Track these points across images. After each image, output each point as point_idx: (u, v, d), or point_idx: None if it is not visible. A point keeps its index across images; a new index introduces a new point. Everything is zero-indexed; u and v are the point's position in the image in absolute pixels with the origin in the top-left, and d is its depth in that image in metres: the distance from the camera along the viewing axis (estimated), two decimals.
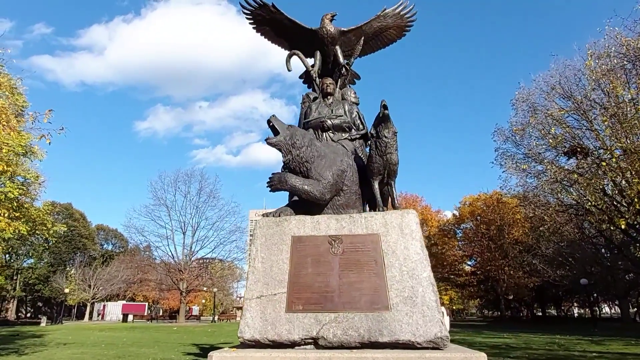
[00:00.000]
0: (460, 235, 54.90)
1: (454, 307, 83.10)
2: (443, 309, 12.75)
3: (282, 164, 5.46)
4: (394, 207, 5.25)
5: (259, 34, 6.98)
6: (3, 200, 19.06)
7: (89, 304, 57.24)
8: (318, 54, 6.64)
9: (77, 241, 59.70)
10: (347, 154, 5.61)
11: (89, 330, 26.01)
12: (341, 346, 4.37)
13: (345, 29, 6.55)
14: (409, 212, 4.90)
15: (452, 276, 53.36)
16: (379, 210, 5.08)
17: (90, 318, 59.16)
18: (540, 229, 28.67)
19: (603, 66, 14.92)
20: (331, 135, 5.86)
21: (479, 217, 49.71)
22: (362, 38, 6.50)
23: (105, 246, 73.74)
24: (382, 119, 5.12)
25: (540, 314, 61.67)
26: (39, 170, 23.65)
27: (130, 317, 49.00)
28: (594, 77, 15.86)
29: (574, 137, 17.85)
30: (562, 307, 67.04)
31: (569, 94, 20.81)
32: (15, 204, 20.23)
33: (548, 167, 19.93)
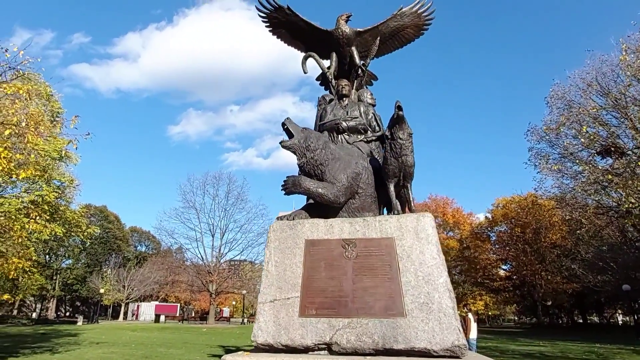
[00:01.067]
0: (494, 238, 53.41)
1: (490, 313, 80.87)
2: (470, 315, 12.39)
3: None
4: (410, 211, 5.10)
5: (276, 36, 6.98)
6: (40, 203, 20.00)
7: (123, 304, 59.12)
8: (334, 55, 6.57)
9: (112, 243, 61.85)
10: (363, 156, 5.50)
11: (122, 330, 26.85)
12: (355, 352, 4.27)
13: (361, 30, 6.46)
14: (425, 216, 4.74)
15: (487, 281, 51.99)
16: (394, 214, 4.95)
17: (125, 318, 61.06)
18: (578, 232, 27.43)
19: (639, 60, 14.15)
20: (346, 137, 5.77)
21: (513, 220, 48.20)
22: (378, 38, 6.39)
23: (139, 248, 76.04)
24: (397, 120, 4.99)
25: (581, 321, 59.05)
26: (73, 174, 24.72)
27: (162, 318, 50.22)
28: (629, 73, 15.04)
29: (609, 136, 16.98)
30: (605, 314, 63.92)
31: (607, 90, 19.85)
32: (52, 207, 21.19)
33: (585, 168, 19.04)
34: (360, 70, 6.42)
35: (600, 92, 20.70)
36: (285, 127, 5.41)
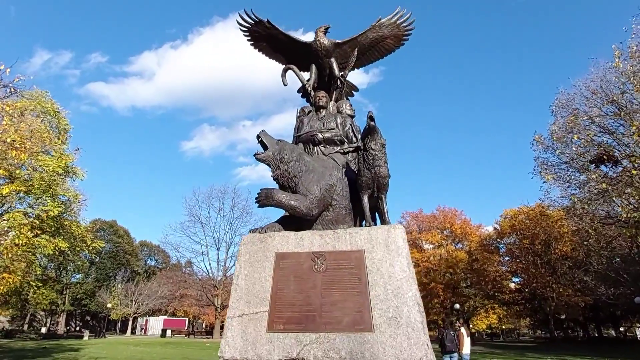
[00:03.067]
0: (503, 250, 52.53)
1: (503, 327, 79.05)
2: (463, 330, 12.10)
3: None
4: (384, 222, 5.02)
5: (257, 50, 7.01)
6: (45, 218, 20.21)
7: (131, 319, 59.12)
8: (313, 67, 6.57)
9: (121, 257, 62.17)
10: (338, 168, 5.44)
11: (125, 344, 26.79)
12: None
13: (339, 41, 6.46)
14: (396, 228, 4.66)
15: (497, 293, 51.01)
16: (366, 225, 4.86)
17: (133, 332, 61.02)
18: (586, 243, 26.85)
19: (634, 66, 13.95)
20: (322, 149, 5.73)
21: (521, 232, 47.42)
22: (356, 49, 6.37)
23: (148, 262, 76.27)
24: (369, 131, 4.95)
25: (597, 335, 57.44)
26: (79, 189, 25.01)
27: (168, 332, 50.06)
28: (623, 79, 14.84)
29: (601, 144, 16.67)
30: (622, 328, 62.09)
31: (612, 98, 19.57)
32: (57, 222, 21.41)
33: (591, 177, 18.68)
34: (339, 81, 6.40)
35: (606, 100, 20.42)
36: (260, 139, 5.39)
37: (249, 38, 6.93)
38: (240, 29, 6.86)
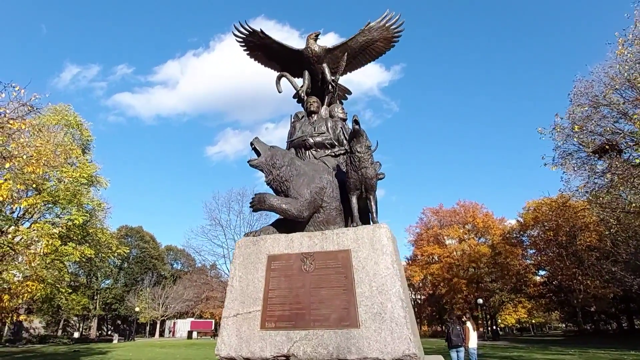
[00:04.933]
0: (527, 243, 51.55)
1: (533, 321, 77.44)
2: (469, 324, 12.07)
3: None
4: (372, 222, 5.19)
5: (253, 59, 7.26)
6: (72, 227, 21.10)
7: (158, 322, 60.65)
8: (306, 73, 6.78)
9: (148, 262, 63.86)
10: (328, 171, 5.64)
11: (152, 347, 27.62)
12: None
13: (330, 47, 6.64)
14: (381, 227, 4.83)
15: (524, 287, 50.16)
16: (353, 226, 5.05)
17: (162, 335, 62.59)
18: (607, 233, 26.17)
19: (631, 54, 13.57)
20: (314, 152, 5.93)
21: (545, 224, 46.46)
22: (346, 54, 6.55)
23: (174, 266, 78.01)
24: (354, 134, 5.14)
25: (628, 327, 55.73)
26: (104, 198, 25.97)
27: (194, 334, 51.14)
28: (627, 67, 14.42)
29: (604, 133, 16.22)
30: None
31: (632, 83, 19.02)
32: (82, 230, 22.32)
33: (612, 165, 18.22)
34: (330, 86, 6.59)
35: (625, 86, 19.84)
36: (253, 146, 5.65)
37: (245, 48, 7.19)
38: (236, 40, 7.12)
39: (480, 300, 48.57)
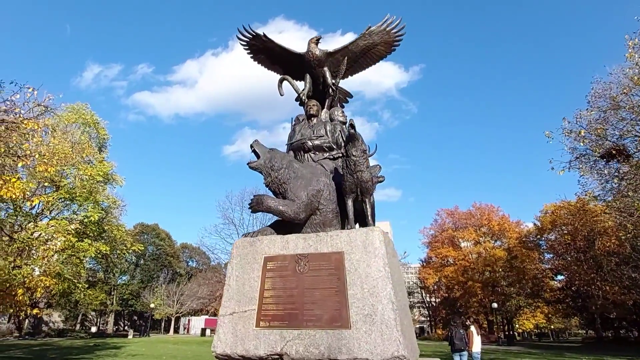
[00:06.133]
0: (544, 247, 50.62)
1: (552, 327, 75.99)
2: (473, 328, 11.97)
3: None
4: (367, 225, 5.25)
5: (256, 62, 7.39)
6: (88, 224, 21.67)
7: (173, 318, 61.57)
8: (308, 76, 6.87)
9: (164, 259, 64.91)
10: (326, 174, 5.72)
11: (165, 343, 28.13)
12: None
13: (331, 50, 6.72)
14: (373, 230, 4.88)
15: (541, 292, 49.32)
16: (347, 228, 5.12)
17: (177, 332, 63.53)
18: (623, 237, 25.57)
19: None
20: (312, 155, 6.02)
21: (563, 227, 45.56)
22: (346, 58, 6.62)
23: (189, 263, 79.03)
24: (350, 139, 5.21)
25: None
26: (119, 196, 26.54)
27: (208, 332, 51.77)
28: (637, 70, 14.06)
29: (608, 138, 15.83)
30: None
31: None
32: (98, 227, 22.88)
33: (621, 170, 17.81)
34: (330, 89, 6.67)
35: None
36: (253, 148, 5.77)
37: (249, 51, 7.32)
38: (240, 43, 7.26)
39: (495, 304, 47.92)
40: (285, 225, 5.54)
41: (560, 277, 49.44)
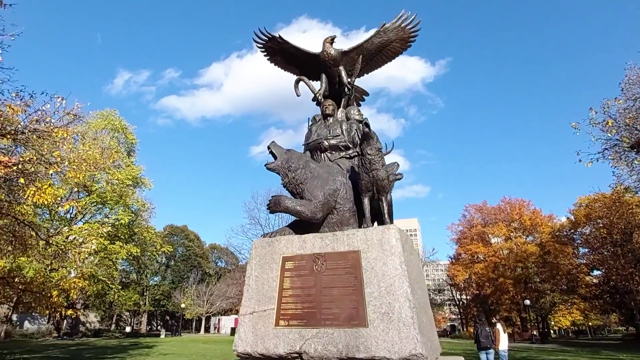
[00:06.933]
0: (579, 241, 48.93)
1: (590, 324, 73.45)
2: (499, 326, 11.67)
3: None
4: (383, 223, 5.23)
5: (273, 63, 7.48)
6: (119, 226, 22.41)
7: (203, 318, 62.80)
8: (323, 76, 6.89)
9: (193, 260, 66.29)
10: (342, 173, 5.73)
11: (195, 342, 28.75)
12: None
13: (346, 49, 6.72)
14: (390, 228, 4.86)
15: (576, 288, 47.75)
16: (364, 227, 5.12)
17: (207, 331, 64.77)
18: None
19: None
20: (329, 155, 6.04)
21: (599, 221, 43.91)
22: (361, 56, 6.61)
23: (218, 264, 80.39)
24: (364, 137, 5.21)
25: None
26: (148, 199, 27.33)
27: None
28: None
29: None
30: None
31: None
32: (129, 230, 23.63)
33: None
34: (346, 88, 6.68)
35: None
36: (270, 150, 5.84)
37: (265, 53, 7.41)
38: (257, 46, 7.36)
39: (527, 301, 46.71)
40: (303, 225, 5.58)
41: (596, 272, 47.69)
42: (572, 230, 48.69)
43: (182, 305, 52.31)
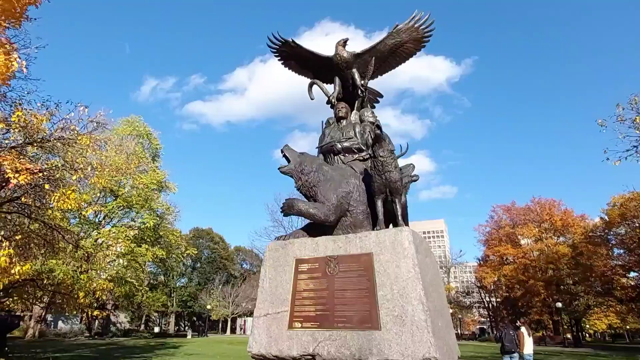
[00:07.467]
0: (613, 242, 47.15)
1: (628, 327, 70.60)
2: (523, 329, 11.34)
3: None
4: (397, 225, 5.19)
5: (287, 67, 7.53)
6: (145, 230, 23.00)
7: (229, 319, 63.63)
8: (337, 79, 6.89)
9: (219, 262, 67.33)
10: (355, 175, 5.72)
11: (220, 343, 29.17)
12: None
13: (359, 52, 6.70)
14: (402, 231, 4.82)
15: (612, 290, 46.04)
16: (377, 229, 5.09)
17: (233, 332, 65.59)
18: None
19: None
20: (342, 157, 6.04)
21: (635, 220, 42.22)
22: (374, 58, 6.57)
23: (243, 265, 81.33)
24: (376, 139, 5.20)
25: None
26: (172, 202, 27.94)
27: None
28: None
29: None
30: None
31: None
32: (155, 233, 24.23)
33: None
34: (359, 91, 6.66)
35: None
36: (283, 153, 5.89)
37: (279, 58, 7.47)
38: (271, 50, 7.43)
39: (559, 304, 45.31)
40: (316, 228, 5.60)
41: (633, 274, 45.88)
42: (606, 231, 46.99)
43: (208, 307, 53.18)
